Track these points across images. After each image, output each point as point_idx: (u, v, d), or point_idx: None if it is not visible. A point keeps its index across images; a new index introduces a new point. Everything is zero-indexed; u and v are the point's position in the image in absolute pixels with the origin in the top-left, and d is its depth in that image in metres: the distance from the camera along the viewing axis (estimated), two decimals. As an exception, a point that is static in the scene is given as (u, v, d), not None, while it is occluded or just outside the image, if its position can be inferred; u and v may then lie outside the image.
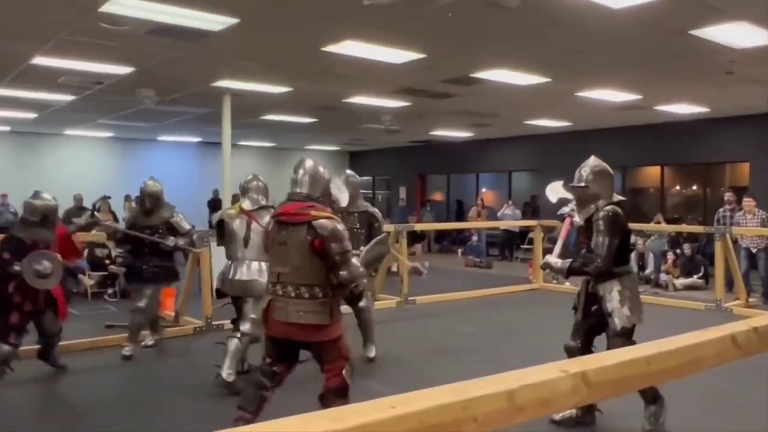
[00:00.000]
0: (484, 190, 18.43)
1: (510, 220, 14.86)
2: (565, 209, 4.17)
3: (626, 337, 3.76)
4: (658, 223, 12.22)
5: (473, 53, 7.36)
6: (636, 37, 6.49)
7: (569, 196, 4.18)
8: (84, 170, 16.46)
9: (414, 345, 6.47)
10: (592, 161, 3.98)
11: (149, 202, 6.01)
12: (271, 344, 3.57)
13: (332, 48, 6.91)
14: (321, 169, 3.62)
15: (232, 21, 5.93)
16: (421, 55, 7.29)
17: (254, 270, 4.80)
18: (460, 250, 15.96)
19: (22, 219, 5.17)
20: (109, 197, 12.91)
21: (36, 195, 5.14)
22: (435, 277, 11.93)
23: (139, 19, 5.83)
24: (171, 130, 15.40)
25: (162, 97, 9.95)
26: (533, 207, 17.55)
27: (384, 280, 9.40)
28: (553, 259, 4.01)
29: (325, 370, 3.44)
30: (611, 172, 3.98)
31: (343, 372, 3.41)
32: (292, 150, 20.12)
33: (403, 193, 19.53)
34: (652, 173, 15.14)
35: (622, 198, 3.99)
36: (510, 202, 16.01)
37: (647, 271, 11.21)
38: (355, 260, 3.42)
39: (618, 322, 3.81)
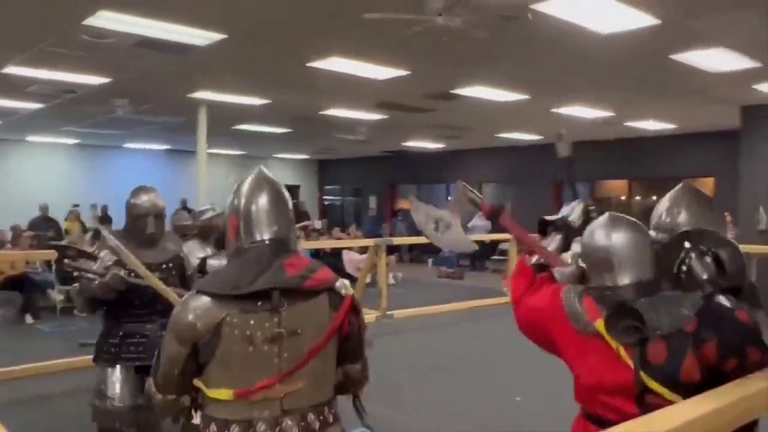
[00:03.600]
0: (450, 199, 18.57)
1: (481, 230, 14.97)
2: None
3: None
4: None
5: (457, 71, 7.42)
6: (618, 60, 6.65)
7: None
8: (47, 177, 15.98)
9: (401, 362, 6.43)
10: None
11: (154, 227, 3.44)
12: None
13: (318, 64, 6.88)
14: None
15: (219, 36, 5.85)
16: (406, 72, 7.32)
17: None
18: (430, 260, 16.05)
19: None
20: (77, 206, 12.60)
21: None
22: (410, 289, 12.03)
23: (124, 33, 5.71)
24: (138, 137, 15.09)
25: (135, 107, 9.75)
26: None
27: (363, 292, 9.37)
28: None
29: None
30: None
31: None
32: (261, 159, 19.92)
33: (373, 202, 19.53)
34: (618, 184, 15.49)
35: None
36: (480, 213, 16.12)
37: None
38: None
39: None
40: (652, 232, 2.02)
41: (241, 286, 1.74)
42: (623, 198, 15.33)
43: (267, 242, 1.84)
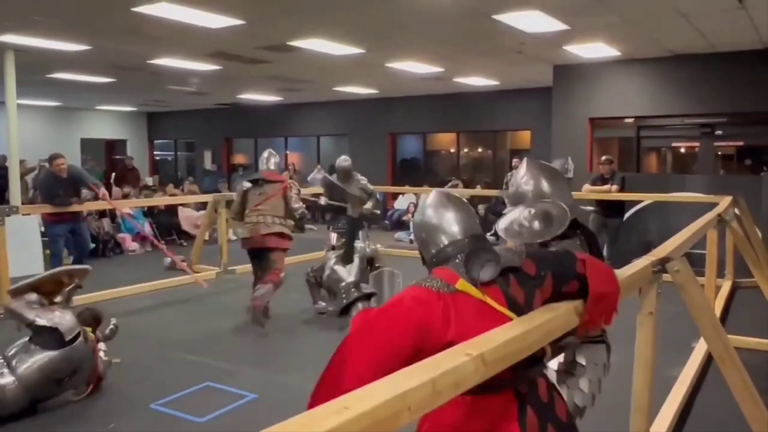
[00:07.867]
0: (288, 153, 18.47)
1: (318, 184, 15.10)
2: None
3: None
4: (456, 186, 13.33)
5: (292, 22, 7.34)
6: (446, 17, 6.97)
7: None
8: None
9: (242, 317, 6.42)
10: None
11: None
12: None
13: (145, 9, 6.45)
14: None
15: (28, -27, 5.27)
16: (240, 22, 7.11)
17: None
18: (270, 215, 15.91)
19: None
20: None
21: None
22: (250, 244, 11.90)
23: None
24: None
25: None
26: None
27: (201, 250, 9.16)
28: None
29: None
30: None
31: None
32: (81, 110, 18.34)
33: (208, 156, 18.86)
34: (448, 137, 16.35)
35: None
36: (320, 166, 16.26)
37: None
38: None
39: None
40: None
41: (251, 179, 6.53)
42: (452, 150, 16.24)
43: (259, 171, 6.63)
